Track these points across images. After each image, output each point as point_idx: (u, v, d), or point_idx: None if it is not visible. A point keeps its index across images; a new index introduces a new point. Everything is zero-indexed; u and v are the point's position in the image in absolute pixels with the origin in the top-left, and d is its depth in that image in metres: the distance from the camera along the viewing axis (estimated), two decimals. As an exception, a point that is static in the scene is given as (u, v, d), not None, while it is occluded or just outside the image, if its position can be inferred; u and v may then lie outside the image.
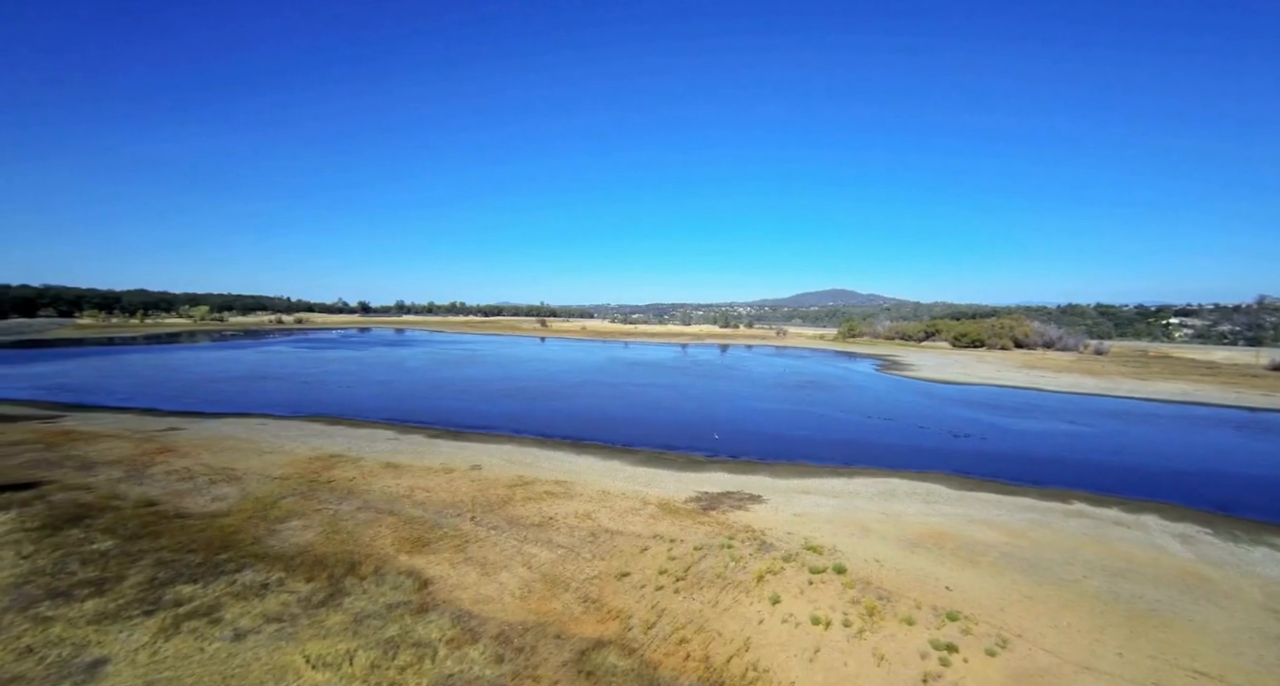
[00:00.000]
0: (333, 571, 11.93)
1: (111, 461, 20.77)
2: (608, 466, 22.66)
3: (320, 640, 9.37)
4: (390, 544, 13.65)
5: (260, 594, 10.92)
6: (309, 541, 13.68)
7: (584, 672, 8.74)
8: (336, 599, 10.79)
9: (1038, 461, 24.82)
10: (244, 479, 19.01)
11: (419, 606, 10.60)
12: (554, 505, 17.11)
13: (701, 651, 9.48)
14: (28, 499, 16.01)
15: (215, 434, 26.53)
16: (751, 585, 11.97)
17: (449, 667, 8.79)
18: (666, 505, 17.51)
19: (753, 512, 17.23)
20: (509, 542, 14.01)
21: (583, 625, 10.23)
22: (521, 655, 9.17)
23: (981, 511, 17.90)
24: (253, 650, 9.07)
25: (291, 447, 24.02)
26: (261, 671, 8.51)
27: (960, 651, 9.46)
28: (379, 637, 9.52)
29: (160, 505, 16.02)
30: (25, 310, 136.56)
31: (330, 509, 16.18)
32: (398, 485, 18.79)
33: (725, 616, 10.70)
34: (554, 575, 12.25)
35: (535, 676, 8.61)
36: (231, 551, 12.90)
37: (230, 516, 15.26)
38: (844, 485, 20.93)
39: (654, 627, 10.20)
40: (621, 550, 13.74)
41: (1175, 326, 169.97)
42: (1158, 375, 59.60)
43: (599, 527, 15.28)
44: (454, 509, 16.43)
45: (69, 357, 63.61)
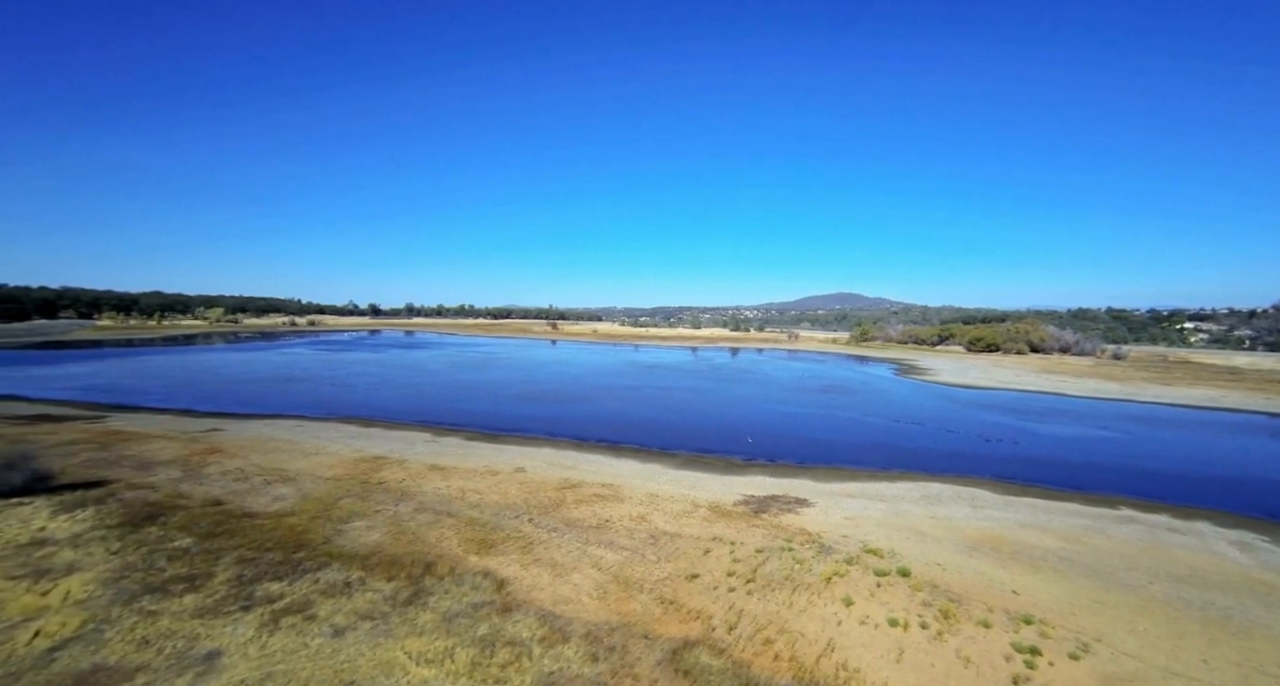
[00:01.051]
0: (410, 571, 12.21)
1: (166, 461, 21.25)
2: (648, 470, 22.88)
3: (417, 638, 9.64)
4: (457, 545, 13.93)
5: (346, 592, 11.22)
6: (378, 541, 13.99)
7: (680, 671, 8.95)
8: (421, 598, 11.07)
9: (1075, 467, 24.77)
10: (298, 480, 19.40)
11: (502, 606, 10.86)
12: (606, 508, 17.35)
13: (789, 651, 9.66)
14: (99, 496, 16.45)
15: (257, 435, 27.01)
16: (821, 587, 12.13)
17: (546, 665, 9.02)
18: (717, 508, 17.70)
19: (803, 516, 17.38)
20: (572, 544, 14.25)
21: (666, 625, 10.45)
22: (614, 654, 9.40)
23: (1030, 516, 17.94)
24: (355, 646, 9.36)
25: (335, 449, 24.43)
26: (369, 667, 8.79)
27: (1044, 654, 9.58)
28: (472, 635, 9.78)
29: (226, 504, 16.41)
30: (46, 311, 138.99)
31: (389, 510, 16.50)
32: (448, 487, 19.10)
33: (803, 617, 10.88)
34: (625, 576, 12.47)
35: (634, 675, 8.83)
36: (306, 550, 13.23)
37: (295, 516, 15.62)
38: (887, 489, 21.02)
39: (736, 628, 10.39)
40: (684, 552, 13.94)
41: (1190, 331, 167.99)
42: (1180, 380, 59.04)
43: (657, 530, 15.50)
44: (510, 511, 16.71)
45: (97, 359, 64.71)
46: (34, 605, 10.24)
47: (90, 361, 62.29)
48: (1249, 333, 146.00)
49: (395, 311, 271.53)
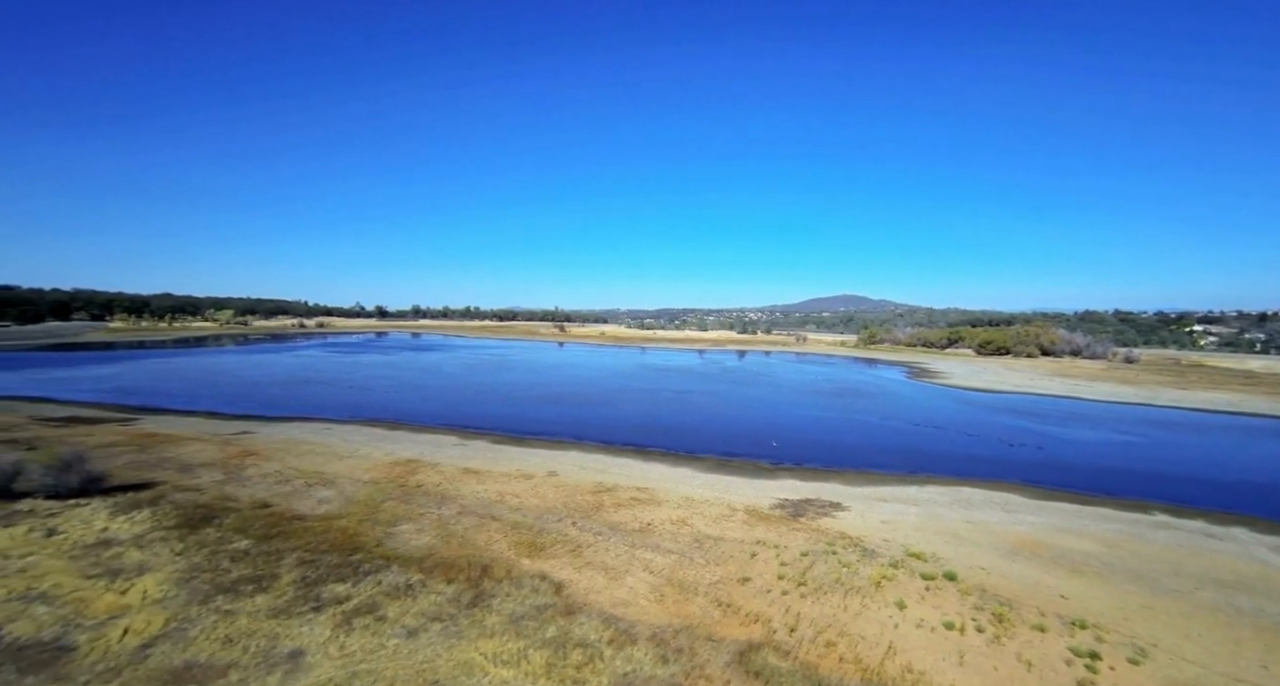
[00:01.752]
0: (468, 574, 12.47)
1: (205, 463, 21.61)
2: (679, 473, 23.10)
3: (488, 639, 9.89)
4: (507, 548, 14.19)
5: (410, 594, 11.49)
6: (429, 544, 14.27)
7: (750, 672, 9.17)
8: (484, 600, 11.32)
9: (1102, 472, 24.83)
10: (337, 483, 19.71)
11: (565, 608, 11.10)
12: (645, 511, 17.58)
13: (851, 653, 9.86)
14: (151, 498, 16.79)
15: (287, 438, 27.37)
16: (872, 590, 12.32)
17: (620, 666, 9.26)
18: (755, 512, 17.91)
19: (840, 519, 17.56)
20: (619, 548, 14.49)
21: (727, 628, 10.67)
22: (683, 656, 9.62)
23: (1064, 521, 18.06)
24: (430, 647, 9.62)
25: (366, 452, 24.76)
26: (449, 667, 9.04)
27: (1103, 659, 9.75)
28: (541, 637, 10.02)
29: (274, 507, 16.72)
30: (60, 313, 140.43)
31: (433, 513, 16.78)
32: (486, 490, 19.37)
33: (859, 620, 11.08)
34: (678, 579, 12.70)
35: (706, 676, 9.05)
36: (362, 553, 13.51)
37: (344, 519, 15.91)
38: (917, 493, 21.17)
39: (796, 631, 10.60)
40: (732, 556, 14.16)
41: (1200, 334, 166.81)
42: (1196, 384, 58.83)
43: (699, 534, 15.72)
44: (552, 514, 16.96)
45: (115, 361, 65.41)
46: (117, 604, 10.55)
47: (109, 364, 62.99)
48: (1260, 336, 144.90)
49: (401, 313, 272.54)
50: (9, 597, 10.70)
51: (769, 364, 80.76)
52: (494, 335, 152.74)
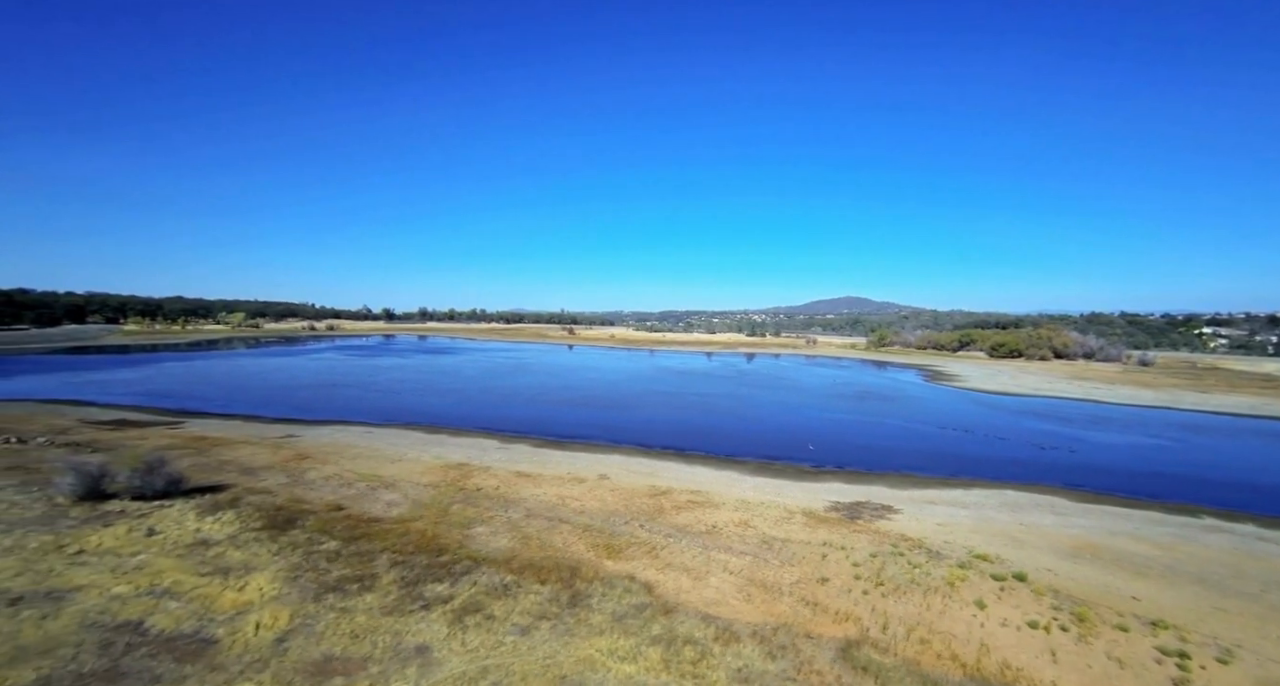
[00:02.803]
0: (558, 575, 12.93)
1: (264, 467, 22.14)
2: (725, 476, 23.53)
3: (599, 637, 10.34)
4: (586, 550, 14.65)
5: (509, 593, 11.95)
6: (509, 546, 14.73)
7: (857, 668, 9.60)
8: (582, 600, 11.78)
9: (1142, 475, 25.14)
10: (398, 486, 20.21)
11: (662, 608, 11.55)
12: (706, 514, 18.01)
13: (947, 650, 10.28)
14: (227, 500, 17.32)
15: (333, 441, 27.90)
16: (948, 591, 12.73)
17: (731, 662, 9.69)
18: (812, 514, 18.33)
19: (896, 522, 17.96)
20: (693, 549, 14.93)
21: (821, 626, 11.10)
22: (788, 652, 10.05)
23: (1115, 524, 18.42)
24: (546, 644, 10.08)
25: (415, 456, 25.26)
26: (571, 663, 9.50)
27: (1192, 658, 10.14)
28: (649, 635, 10.47)
29: (347, 509, 17.22)
30: (75, 316, 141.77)
31: (501, 516, 17.25)
32: (544, 494, 19.84)
33: (944, 619, 11.49)
34: (759, 580, 13.14)
35: (816, 671, 9.49)
36: (448, 554, 13.98)
37: (418, 521, 16.39)
38: (963, 496, 21.55)
39: (888, 629, 11.03)
40: (804, 557, 14.58)
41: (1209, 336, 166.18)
42: (1215, 388, 58.90)
43: (765, 536, 16.15)
44: (618, 517, 17.42)
45: (140, 365, 66.22)
46: (239, 600, 11.05)
47: (134, 367, 63.80)
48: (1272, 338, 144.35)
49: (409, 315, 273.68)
50: (138, 593, 11.21)
51: (782, 367, 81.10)
52: (503, 338, 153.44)
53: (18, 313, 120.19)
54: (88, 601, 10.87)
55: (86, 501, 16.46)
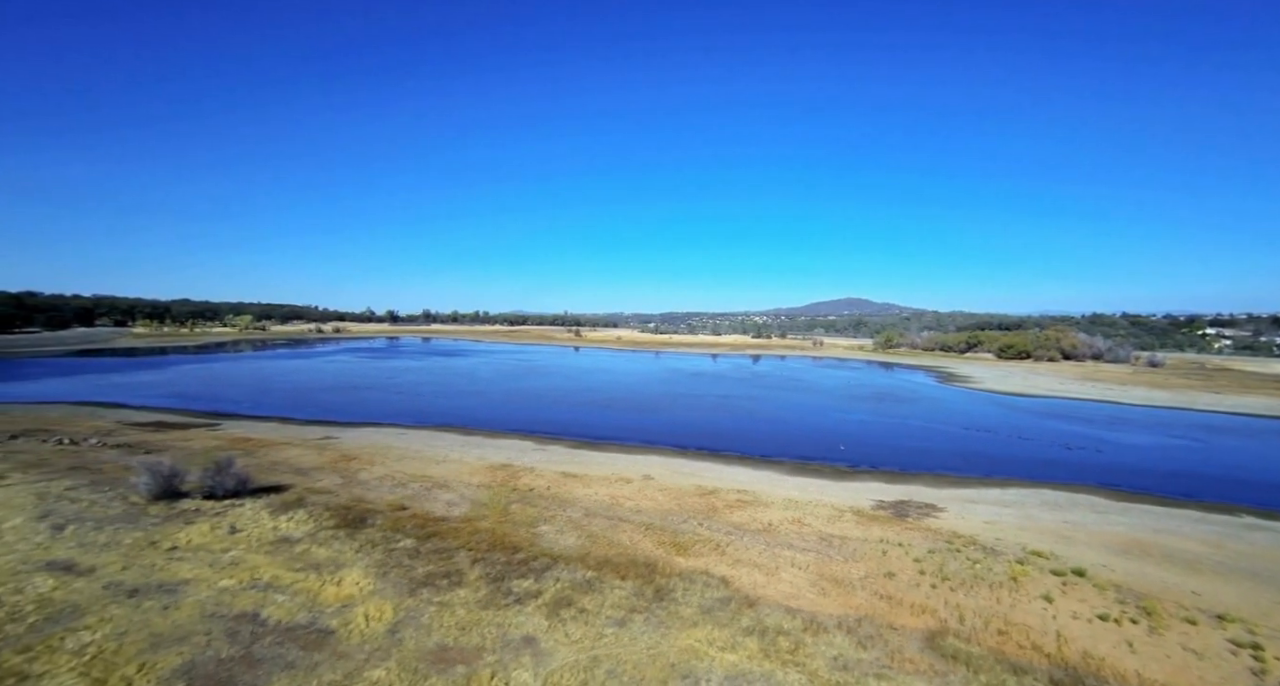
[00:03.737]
0: (636, 571, 13.36)
1: (315, 467, 22.58)
2: (765, 476, 23.97)
3: (693, 628, 10.79)
4: (654, 547, 15.09)
5: (595, 588, 12.40)
6: (579, 544, 15.17)
7: (946, 656, 10.04)
8: (667, 594, 12.22)
9: (1170, 475, 25.57)
10: (451, 486, 20.65)
11: (744, 601, 12.00)
12: (758, 513, 18.46)
13: (1026, 640, 10.72)
14: (293, 500, 17.76)
15: (371, 443, 28.33)
16: (1012, 585, 13.17)
17: (825, 651, 10.14)
18: (861, 512, 18.77)
19: (943, 520, 18.41)
20: (757, 546, 15.38)
21: (900, 617, 11.54)
22: (876, 642, 10.50)
23: (1157, 522, 18.85)
24: (645, 635, 10.52)
25: (457, 457, 25.70)
26: (675, 652, 9.94)
27: (1266, 649, 10.57)
28: (740, 626, 10.91)
29: (410, 509, 17.66)
30: (84, 319, 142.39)
31: (561, 515, 17.69)
32: (594, 494, 20.28)
33: (1016, 612, 11.93)
34: (828, 575, 13.58)
35: (908, 658, 9.93)
36: (523, 551, 14.42)
37: (483, 520, 16.83)
38: (1002, 495, 21.99)
39: (965, 620, 11.47)
40: (864, 553, 15.02)
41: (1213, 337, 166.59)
42: (1228, 389, 59.31)
43: (822, 533, 16.59)
44: (675, 516, 17.86)
45: (159, 367, 66.67)
46: (340, 594, 11.50)
47: (153, 370, 64.27)
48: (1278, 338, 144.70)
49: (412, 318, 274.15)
50: (243, 586, 11.67)
51: (793, 368, 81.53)
52: (509, 340, 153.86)
53: (29, 315, 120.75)
54: (200, 594, 11.32)
55: (161, 500, 16.91)
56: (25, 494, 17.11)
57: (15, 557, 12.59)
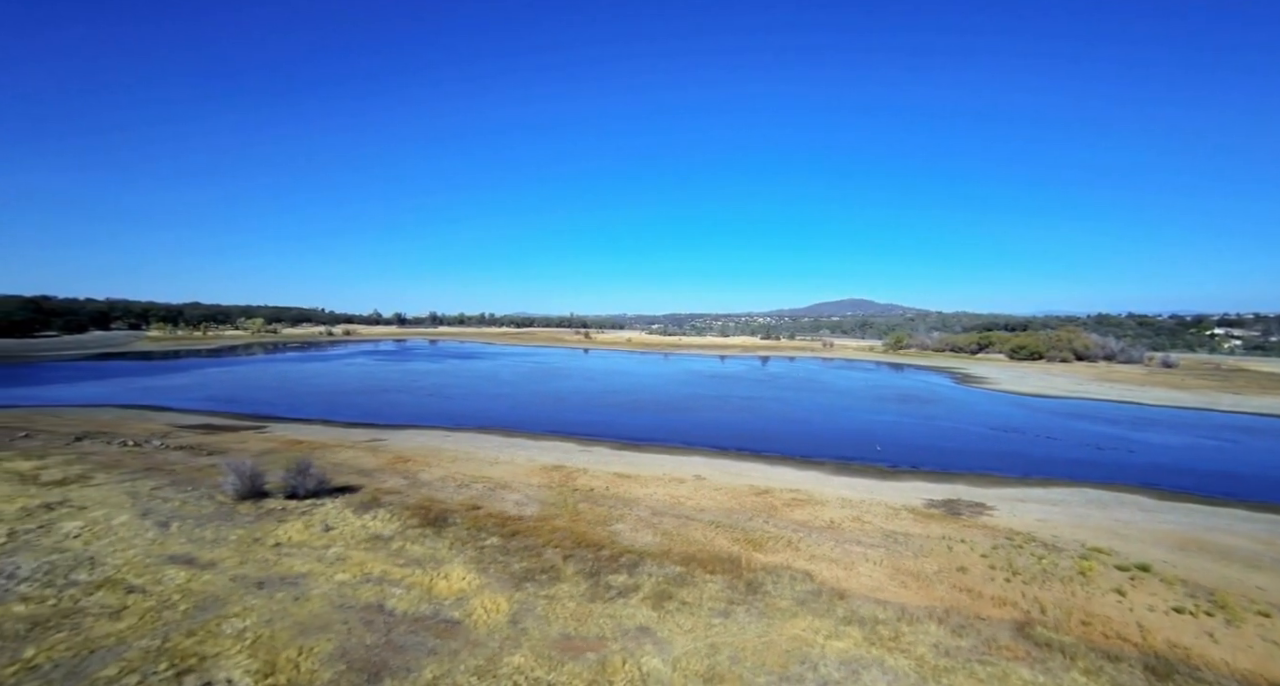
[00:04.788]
0: (722, 566, 13.96)
1: (375, 469, 23.24)
2: (811, 476, 24.54)
3: (794, 619, 11.39)
4: (730, 544, 15.69)
5: (688, 582, 13.01)
6: (657, 541, 15.78)
7: (1039, 644, 10.62)
8: (759, 587, 12.83)
9: (1209, 475, 26.02)
10: (514, 486, 21.28)
11: (834, 593, 12.60)
12: (817, 511, 19.05)
13: (1110, 630, 11.29)
14: (369, 500, 18.42)
15: (421, 445, 29.01)
16: (1082, 580, 13.72)
17: (924, 639, 10.72)
18: (915, 510, 19.34)
19: (996, 518, 18.96)
20: (826, 543, 15.97)
21: (984, 608, 12.12)
22: (969, 631, 11.08)
23: (1205, 521, 19.36)
24: (752, 624, 11.12)
25: (508, 458, 26.35)
26: (784, 640, 10.55)
27: (1339, 637, 11.12)
28: (836, 616, 11.51)
29: (483, 508, 18.29)
30: (100, 323, 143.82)
31: (629, 514, 18.30)
32: (654, 493, 20.89)
33: (1093, 604, 12.49)
34: (904, 569, 14.17)
35: (1004, 646, 10.51)
36: (608, 548, 15.04)
37: (557, 519, 17.45)
38: (1046, 494, 22.51)
39: (1046, 612, 12.04)
40: (931, 549, 15.60)
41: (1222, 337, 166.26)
42: (1247, 390, 59.56)
43: (884, 530, 17.17)
44: (739, 514, 18.47)
45: (183, 370, 67.57)
46: (453, 587, 12.15)
47: (179, 373, 65.15)
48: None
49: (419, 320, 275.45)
50: (359, 580, 12.32)
51: (809, 370, 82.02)
52: (518, 342, 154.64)
53: (47, 319, 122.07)
54: (321, 587, 11.98)
55: (247, 499, 17.60)
56: (118, 493, 17.82)
57: (138, 552, 13.28)
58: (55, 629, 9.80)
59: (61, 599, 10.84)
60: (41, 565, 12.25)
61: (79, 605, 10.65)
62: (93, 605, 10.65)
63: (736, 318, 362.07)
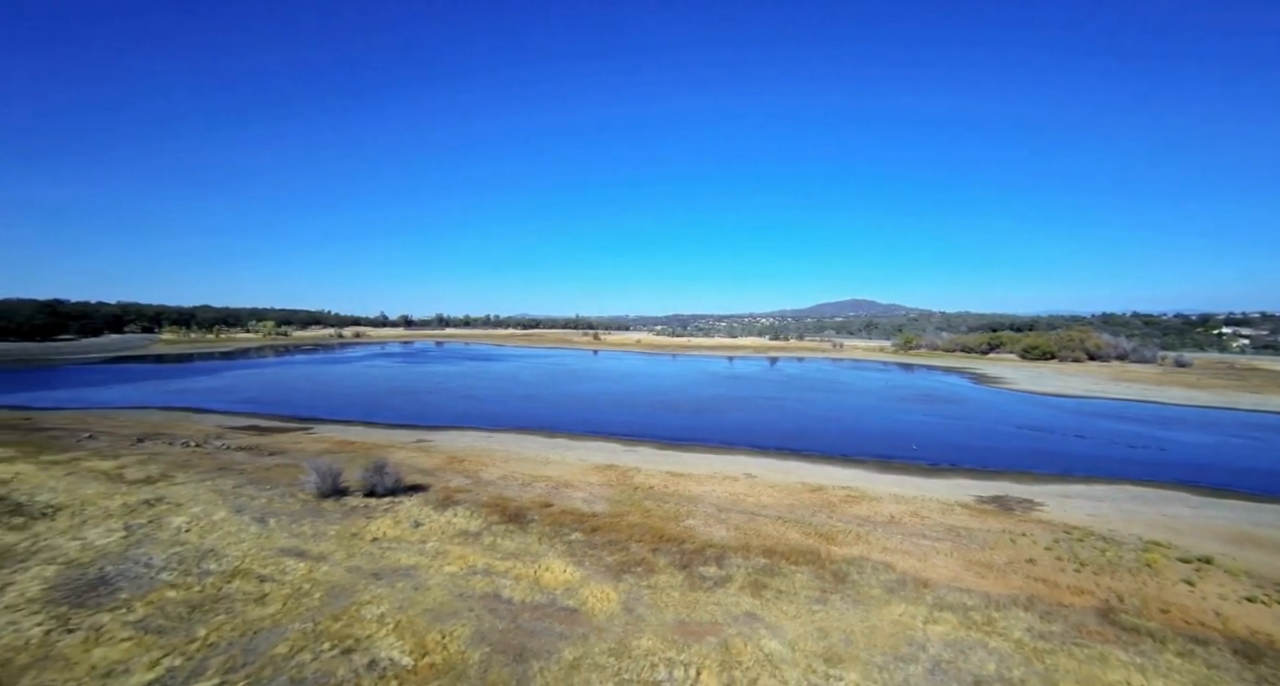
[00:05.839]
0: (804, 557, 14.58)
1: (434, 469, 23.93)
2: (856, 474, 25.16)
3: (888, 605, 12.01)
4: (803, 537, 16.32)
5: (777, 573, 13.64)
6: (732, 535, 16.42)
7: (1126, 629, 11.23)
8: (847, 578, 13.45)
9: (1246, 472, 26.52)
10: (575, 485, 21.93)
11: (919, 582, 13.22)
12: (873, 506, 19.67)
13: (1191, 618, 11.88)
14: (441, 498, 19.09)
15: (468, 446, 29.69)
16: (1149, 571, 14.31)
17: (1014, 624, 11.34)
18: (968, 506, 19.95)
19: (1048, 513, 19.55)
20: (893, 536, 16.59)
21: (1064, 597, 12.72)
22: (1056, 617, 11.69)
23: (1253, 516, 19.92)
24: (851, 610, 11.74)
25: (559, 458, 27.02)
26: (887, 624, 11.16)
27: None
28: (927, 603, 12.13)
29: (555, 505, 18.95)
30: (114, 326, 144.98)
31: (697, 510, 18.93)
32: (712, 491, 21.53)
33: (1166, 593, 13.08)
34: (975, 560, 14.77)
35: (1095, 631, 11.12)
36: (689, 542, 15.67)
37: (629, 515, 18.10)
38: (1089, 490, 23.09)
39: (1124, 600, 12.64)
40: (995, 542, 16.20)
41: (1229, 337, 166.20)
42: (1265, 389, 59.89)
43: (944, 524, 17.78)
44: (802, 510, 19.10)
45: (208, 373, 68.45)
46: (559, 579, 12.79)
47: (204, 375, 66.04)
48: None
49: (425, 322, 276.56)
50: (466, 572, 12.98)
51: (824, 371, 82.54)
52: (526, 343, 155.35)
53: (64, 323, 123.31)
54: (435, 578, 12.64)
55: (329, 497, 18.29)
56: (204, 491, 18.54)
57: (251, 545, 13.97)
58: (212, 612, 10.49)
59: (204, 586, 11.53)
60: (171, 556, 12.94)
61: (223, 591, 11.33)
62: (235, 592, 11.34)
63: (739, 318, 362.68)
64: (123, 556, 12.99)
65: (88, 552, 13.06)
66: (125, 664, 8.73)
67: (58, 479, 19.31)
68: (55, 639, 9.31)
